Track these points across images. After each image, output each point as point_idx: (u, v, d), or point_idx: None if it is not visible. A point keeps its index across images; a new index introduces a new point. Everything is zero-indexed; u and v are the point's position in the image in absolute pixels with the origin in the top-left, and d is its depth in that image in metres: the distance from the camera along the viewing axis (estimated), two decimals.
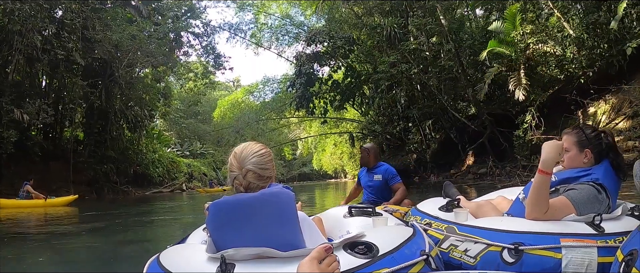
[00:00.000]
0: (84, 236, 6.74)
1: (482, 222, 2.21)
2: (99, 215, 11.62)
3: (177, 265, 1.64)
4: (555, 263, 1.85)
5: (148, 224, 8.70)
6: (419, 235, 1.90)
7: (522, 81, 12.45)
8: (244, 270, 1.49)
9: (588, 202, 2.06)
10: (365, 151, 4.75)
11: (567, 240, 1.87)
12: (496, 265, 1.92)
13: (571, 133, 2.33)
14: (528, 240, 1.91)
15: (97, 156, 23.80)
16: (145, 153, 30.52)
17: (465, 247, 2.08)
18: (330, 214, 2.99)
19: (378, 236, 1.76)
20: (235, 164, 1.78)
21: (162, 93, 31.07)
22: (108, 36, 20.06)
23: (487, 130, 15.47)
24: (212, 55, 30.09)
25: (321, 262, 1.16)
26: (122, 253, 4.81)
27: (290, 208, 1.65)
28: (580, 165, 2.26)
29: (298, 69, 19.75)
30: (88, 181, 23.37)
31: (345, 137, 31.49)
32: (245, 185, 1.75)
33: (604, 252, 1.84)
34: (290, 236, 1.62)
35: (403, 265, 1.59)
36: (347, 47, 18.21)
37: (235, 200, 1.65)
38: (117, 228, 7.75)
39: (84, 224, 9.44)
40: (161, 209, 13.55)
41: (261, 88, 33.44)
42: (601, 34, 12.17)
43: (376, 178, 4.59)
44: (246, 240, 1.57)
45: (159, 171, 31.90)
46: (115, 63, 22.51)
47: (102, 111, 23.81)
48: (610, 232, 1.94)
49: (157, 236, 6.67)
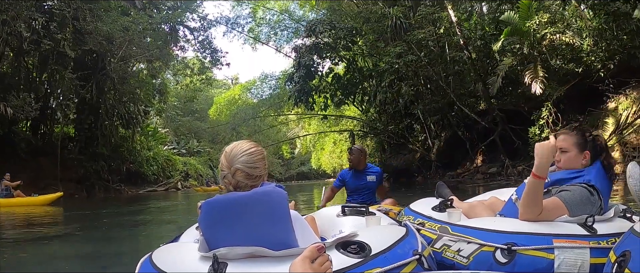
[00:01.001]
0: (59, 240, 6.11)
1: (475, 222, 2.21)
2: (83, 215, 10.94)
3: (170, 264, 1.63)
4: (547, 264, 1.85)
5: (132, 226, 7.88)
6: (412, 235, 1.90)
7: (539, 73, 11.61)
8: (236, 269, 1.49)
9: (580, 204, 2.06)
10: (358, 152, 4.63)
11: (560, 240, 1.87)
12: (489, 265, 1.91)
13: (571, 133, 2.29)
14: (521, 240, 1.91)
15: (88, 153, 22.94)
16: (140, 151, 29.73)
17: (458, 247, 2.08)
18: (323, 213, 2.96)
19: (371, 235, 1.76)
20: (225, 163, 1.77)
21: (158, 89, 30.24)
22: (99, 27, 19.14)
23: (498, 127, 14.59)
24: (209, 50, 29.13)
25: (313, 261, 1.13)
26: (98, 258, 4.51)
27: (282, 207, 1.64)
28: (577, 166, 2.24)
29: (297, 62, 18.67)
30: (78, 178, 22.50)
31: (345, 135, 30.62)
32: (234, 184, 1.73)
33: (597, 253, 1.85)
34: (283, 236, 1.62)
35: (395, 264, 1.59)
36: (349, 38, 17.24)
37: (227, 199, 1.64)
38: (98, 232, 6.97)
39: (62, 226, 8.64)
40: (151, 209, 12.76)
41: (259, 85, 32.55)
42: (622, 24, 11.37)
43: (370, 179, 4.55)
44: (238, 239, 1.56)
45: (154, 169, 31.11)
46: (107, 56, 21.63)
47: (94, 106, 22.93)
48: (603, 233, 1.93)
49: (137, 243, 5.95)
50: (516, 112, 14.73)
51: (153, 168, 31.06)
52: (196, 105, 45.82)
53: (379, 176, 4.62)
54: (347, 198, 4.70)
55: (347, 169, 4.77)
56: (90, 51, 20.78)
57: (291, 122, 36.01)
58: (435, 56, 14.54)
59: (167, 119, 40.29)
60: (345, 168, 4.89)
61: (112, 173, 25.05)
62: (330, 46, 17.63)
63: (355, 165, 4.61)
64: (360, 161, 4.59)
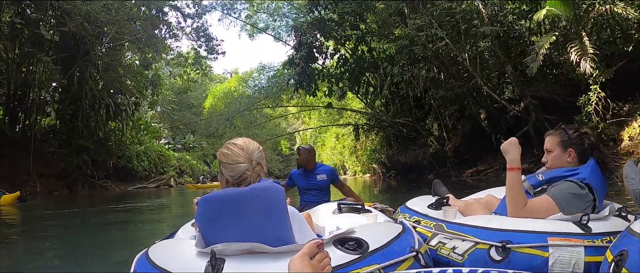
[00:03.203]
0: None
1: (470, 220, 2.22)
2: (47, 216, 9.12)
3: (167, 260, 1.61)
4: (542, 262, 1.85)
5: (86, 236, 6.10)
6: (408, 232, 1.90)
7: (588, 49, 9.70)
8: (234, 265, 1.48)
9: (570, 198, 2.08)
10: (306, 152, 4.63)
11: (555, 238, 1.88)
12: (484, 263, 1.91)
13: (554, 133, 2.35)
14: (515, 238, 1.91)
15: (69, 146, 21.06)
16: (129, 145, 27.91)
17: (453, 245, 2.08)
18: (319, 210, 2.98)
19: (368, 232, 1.76)
20: (244, 155, 1.74)
21: (151, 81, 28.38)
22: (78, 6, 17.25)
23: (532, 116, 12.65)
24: (203, 37, 27.27)
25: (312, 257, 1.15)
26: None
27: (279, 203, 1.62)
28: (564, 165, 2.29)
29: (298, 41, 16.32)
30: (58, 174, 20.66)
31: (348, 130, 28.68)
32: (253, 178, 1.72)
33: (591, 251, 1.84)
34: (280, 232, 1.60)
35: (393, 261, 1.61)
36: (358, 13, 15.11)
37: (224, 195, 1.62)
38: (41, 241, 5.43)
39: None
40: (130, 210, 10.86)
41: (256, 76, 30.56)
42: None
43: (321, 178, 4.55)
44: (236, 235, 1.55)
45: (144, 164, 29.31)
46: (90, 40, 19.71)
47: (76, 95, 21.03)
48: (598, 232, 1.93)
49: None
50: (550, 100, 12.84)
51: (144, 164, 29.37)
52: (193, 100, 44.17)
53: (330, 174, 4.60)
54: (300, 198, 4.69)
55: (296, 170, 4.78)
56: (72, 34, 18.89)
57: (291, 115, 34.01)
58: (460, 32, 12.52)
59: (163, 114, 38.66)
60: (295, 169, 4.88)
61: (98, 169, 23.32)
62: (335, 22, 15.48)
63: (303, 165, 4.60)
64: (309, 160, 4.58)
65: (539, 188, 2.24)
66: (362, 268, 1.51)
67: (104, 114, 23.79)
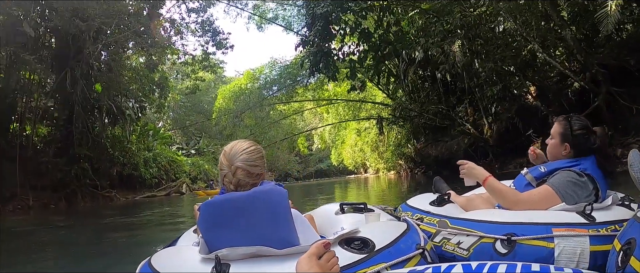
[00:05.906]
0: None
1: (475, 215, 2.19)
2: None
3: (170, 267, 1.61)
4: (547, 253, 1.82)
5: None
6: (413, 230, 1.88)
7: None
8: (239, 269, 1.47)
9: (568, 185, 2.05)
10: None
11: (559, 229, 1.85)
12: (489, 256, 1.88)
13: (561, 121, 2.29)
14: (520, 230, 1.89)
15: (66, 155, 19.29)
16: (136, 152, 26.16)
17: (458, 240, 2.06)
18: (322, 211, 2.91)
19: (373, 231, 1.73)
20: (225, 162, 1.76)
21: (157, 84, 26.63)
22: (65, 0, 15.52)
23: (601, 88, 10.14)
24: (210, 32, 25.46)
25: (320, 258, 1.13)
26: None
27: (283, 206, 1.60)
28: (559, 156, 2.28)
29: (311, 14, 13.65)
30: (54, 185, 18.86)
31: (370, 123, 26.28)
32: (235, 183, 1.72)
33: (596, 240, 1.81)
34: (285, 234, 1.58)
35: (400, 259, 1.59)
36: None
37: (226, 199, 1.61)
38: None
39: None
40: (133, 223, 9.35)
41: (267, 73, 28.45)
42: None
43: None
44: (239, 239, 1.54)
45: (153, 171, 27.51)
46: (82, 38, 17.92)
47: (70, 99, 19.27)
48: (602, 221, 1.89)
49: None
50: (620, 68, 10.36)
51: (152, 171, 27.61)
52: (205, 104, 42.64)
53: None
54: None
55: None
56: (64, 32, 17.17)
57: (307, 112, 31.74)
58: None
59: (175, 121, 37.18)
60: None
61: (101, 178, 21.55)
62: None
63: None
64: None
65: (541, 179, 2.22)
66: (370, 268, 1.50)
67: (105, 119, 22.10)
